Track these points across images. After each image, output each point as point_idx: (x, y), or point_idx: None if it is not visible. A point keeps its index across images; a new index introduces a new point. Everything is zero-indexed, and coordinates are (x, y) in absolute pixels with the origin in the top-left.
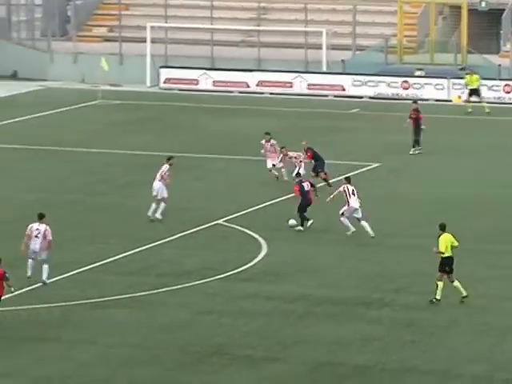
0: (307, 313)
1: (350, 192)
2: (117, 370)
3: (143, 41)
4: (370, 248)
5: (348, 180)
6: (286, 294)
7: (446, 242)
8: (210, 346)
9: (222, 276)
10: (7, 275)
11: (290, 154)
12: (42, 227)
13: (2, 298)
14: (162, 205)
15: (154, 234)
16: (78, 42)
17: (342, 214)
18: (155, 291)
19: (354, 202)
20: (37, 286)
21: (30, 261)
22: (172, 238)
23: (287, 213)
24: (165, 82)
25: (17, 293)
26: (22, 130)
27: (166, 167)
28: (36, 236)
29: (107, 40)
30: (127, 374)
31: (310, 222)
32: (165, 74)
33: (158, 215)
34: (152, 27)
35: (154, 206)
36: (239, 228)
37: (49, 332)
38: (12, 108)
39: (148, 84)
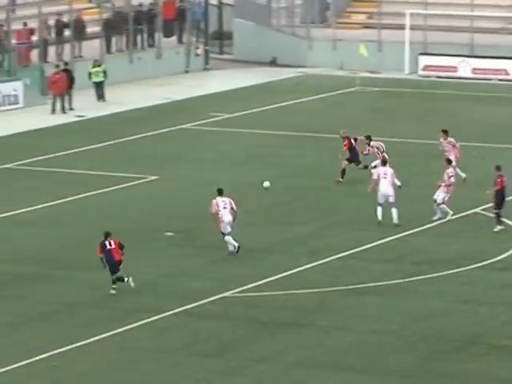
0: None
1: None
2: (371, 357)
3: (402, 28)
4: None
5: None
6: None
7: None
8: (467, 335)
9: (479, 265)
10: (122, 243)
11: (373, 143)
12: (227, 199)
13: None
14: (394, 210)
15: (410, 223)
16: (337, 29)
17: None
18: (410, 279)
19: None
20: (292, 271)
21: (227, 237)
22: (427, 226)
23: None
24: (423, 69)
25: (272, 278)
26: (281, 116)
27: (391, 170)
28: (224, 207)
29: (366, 27)
30: (382, 362)
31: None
32: (423, 61)
33: (396, 221)
34: (411, 14)
35: (380, 209)
36: None
37: (304, 317)
38: (271, 94)
39: (406, 71)
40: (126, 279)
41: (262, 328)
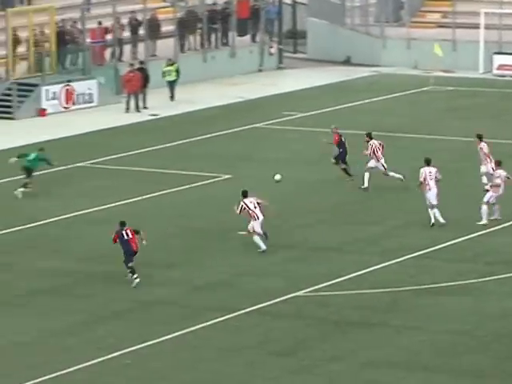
0: None
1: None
2: (444, 357)
3: (477, 27)
4: None
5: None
6: None
7: None
8: None
9: None
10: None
11: (372, 141)
12: (253, 199)
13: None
14: (435, 210)
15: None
16: (411, 28)
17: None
18: (484, 279)
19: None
20: (365, 271)
21: (257, 237)
22: (501, 226)
23: None
24: (498, 69)
25: (345, 278)
26: (355, 116)
27: (435, 169)
28: (255, 207)
29: (440, 26)
30: (455, 362)
31: None
32: (498, 60)
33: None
34: (486, 13)
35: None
36: None
37: (376, 317)
38: (345, 93)
39: (481, 70)
40: (135, 276)
41: (333, 327)
